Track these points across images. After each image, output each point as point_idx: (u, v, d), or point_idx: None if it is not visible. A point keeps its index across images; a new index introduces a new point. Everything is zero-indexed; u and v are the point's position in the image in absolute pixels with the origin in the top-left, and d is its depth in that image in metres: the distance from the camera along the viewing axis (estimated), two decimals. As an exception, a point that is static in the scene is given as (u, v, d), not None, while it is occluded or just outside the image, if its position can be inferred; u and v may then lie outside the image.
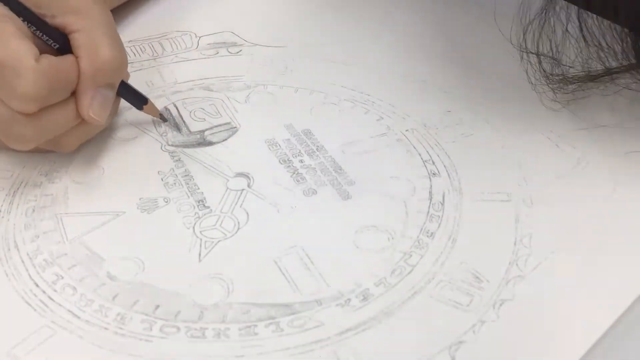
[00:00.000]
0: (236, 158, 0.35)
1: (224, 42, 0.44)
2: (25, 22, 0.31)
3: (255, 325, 0.27)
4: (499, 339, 0.26)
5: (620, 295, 0.27)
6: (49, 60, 0.30)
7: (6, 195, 0.33)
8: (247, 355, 0.26)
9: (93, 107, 0.32)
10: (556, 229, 0.30)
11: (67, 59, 0.32)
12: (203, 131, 0.37)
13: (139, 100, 0.36)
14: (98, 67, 0.32)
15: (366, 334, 0.26)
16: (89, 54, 0.32)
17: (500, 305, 0.27)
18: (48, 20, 0.32)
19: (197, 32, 0.44)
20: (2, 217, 0.32)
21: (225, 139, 0.36)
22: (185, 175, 0.34)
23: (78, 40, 0.32)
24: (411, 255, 0.30)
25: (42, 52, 0.31)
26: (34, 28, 0.32)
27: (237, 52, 0.43)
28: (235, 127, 0.37)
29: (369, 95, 0.39)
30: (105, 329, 0.27)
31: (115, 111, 0.36)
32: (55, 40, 0.32)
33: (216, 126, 0.37)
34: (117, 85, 0.34)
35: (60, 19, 0.32)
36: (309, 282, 0.29)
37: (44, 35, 0.32)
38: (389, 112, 0.38)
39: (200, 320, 0.27)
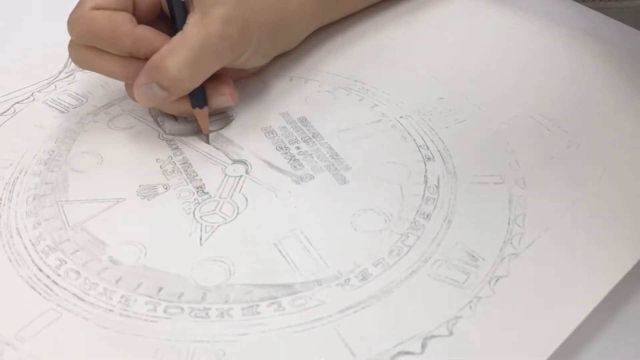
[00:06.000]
0: (233, 146, 0.36)
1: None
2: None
3: (258, 305, 0.27)
4: (495, 313, 0.27)
5: (610, 271, 0.28)
6: (144, 27, 0.33)
7: (6, 184, 0.33)
8: (250, 333, 0.26)
9: (138, 91, 0.33)
10: (548, 209, 0.31)
11: (152, 33, 0.33)
12: (200, 120, 0.37)
13: (197, 100, 0.35)
14: (154, 67, 0.32)
15: (366, 311, 0.27)
16: (162, 52, 0.32)
17: (496, 281, 0.28)
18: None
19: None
20: (3, 205, 0.32)
21: (222, 128, 0.37)
22: (184, 163, 0.34)
23: (174, 36, 0.33)
24: (408, 236, 0.30)
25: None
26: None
27: (231, 43, 0.44)
28: (232, 115, 0.38)
29: (363, 83, 0.40)
30: (110, 310, 0.27)
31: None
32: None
33: (212, 115, 0.38)
34: (173, 93, 0.33)
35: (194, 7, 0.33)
36: (308, 263, 0.29)
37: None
38: (383, 99, 0.38)
39: (204, 301, 0.28)
